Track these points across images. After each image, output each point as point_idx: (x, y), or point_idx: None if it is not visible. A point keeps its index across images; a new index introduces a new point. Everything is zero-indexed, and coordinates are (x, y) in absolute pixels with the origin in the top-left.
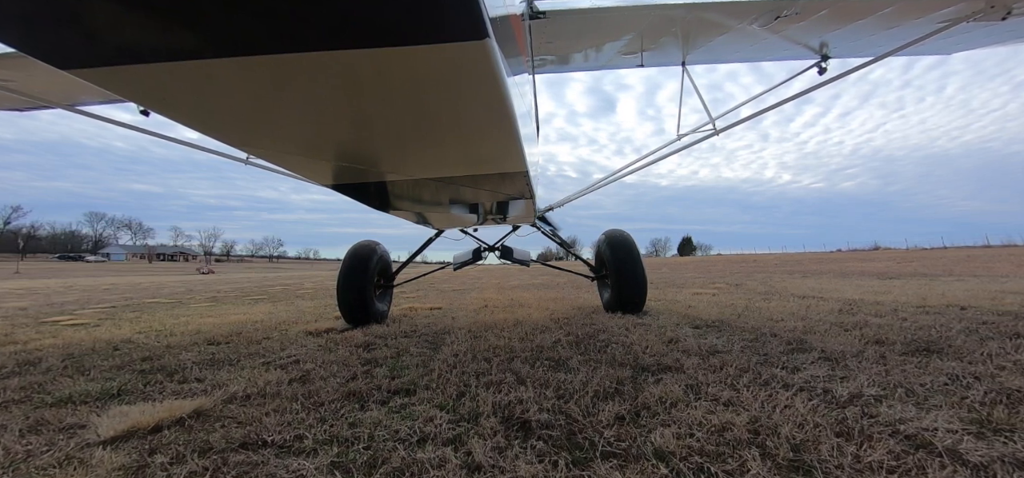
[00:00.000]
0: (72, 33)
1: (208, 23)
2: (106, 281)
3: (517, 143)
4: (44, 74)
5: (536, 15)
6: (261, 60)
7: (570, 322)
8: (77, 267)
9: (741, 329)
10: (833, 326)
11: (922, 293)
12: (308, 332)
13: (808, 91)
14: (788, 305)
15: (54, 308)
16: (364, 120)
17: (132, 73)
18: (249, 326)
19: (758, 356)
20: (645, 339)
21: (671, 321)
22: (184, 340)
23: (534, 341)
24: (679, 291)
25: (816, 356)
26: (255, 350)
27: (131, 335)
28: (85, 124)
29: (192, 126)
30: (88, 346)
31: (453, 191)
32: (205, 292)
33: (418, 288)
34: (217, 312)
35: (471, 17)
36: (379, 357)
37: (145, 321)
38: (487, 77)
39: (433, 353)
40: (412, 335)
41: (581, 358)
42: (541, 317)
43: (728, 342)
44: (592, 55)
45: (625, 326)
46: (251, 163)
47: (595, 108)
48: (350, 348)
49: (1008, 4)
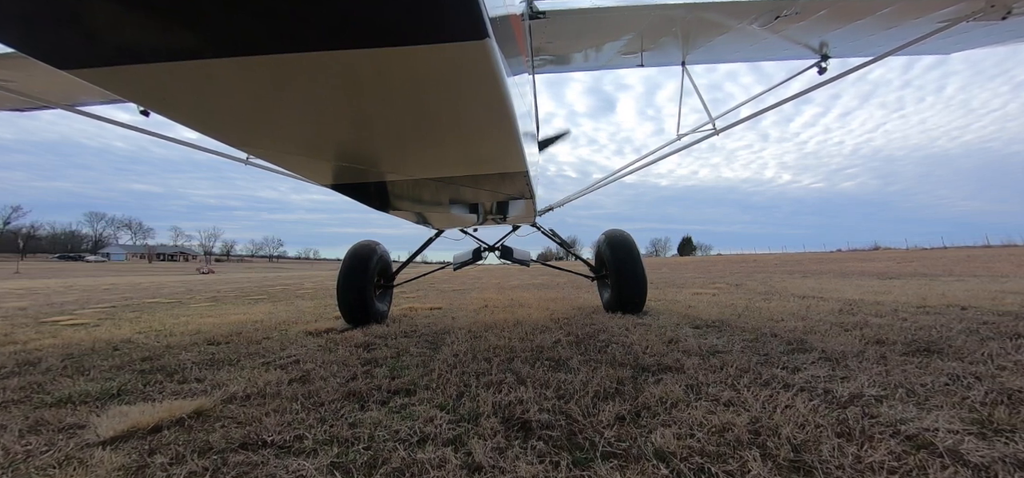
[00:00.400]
0: (72, 33)
1: (208, 23)
2: (106, 281)
3: (517, 143)
4: (44, 74)
5: (536, 15)
6: (261, 60)
7: (570, 322)
8: (77, 267)
9: (741, 329)
10: (833, 326)
11: (922, 293)
12: (308, 332)
13: (808, 91)
14: (788, 305)
15: (54, 308)
16: (364, 120)
17: (132, 73)
18: (249, 326)
19: (758, 356)
20: (645, 339)
21: (671, 321)
22: (184, 340)
23: (534, 341)
24: (679, 291)
25: (816, 356)
26: (255, 350)
27: (131, 335)
28: (85, 124)
29: (192, 126)
30: (88, 346)
31: (453, 191)
32: (205, 292)
33: (418, 288)
34: (217, 312)
35: (471, 17)
36: (379, 357)
37: (145, 321)
38: (487, 77)
39: (433, 353)
40: (412, 335)
41: (581, 358)
42: (541, 317)
43: (728, 342)
44: (592, 55)
45: (625, 326)
46: (251, 163)
47: (595, 108)
48: (350, 348)
49: (1008, 4)
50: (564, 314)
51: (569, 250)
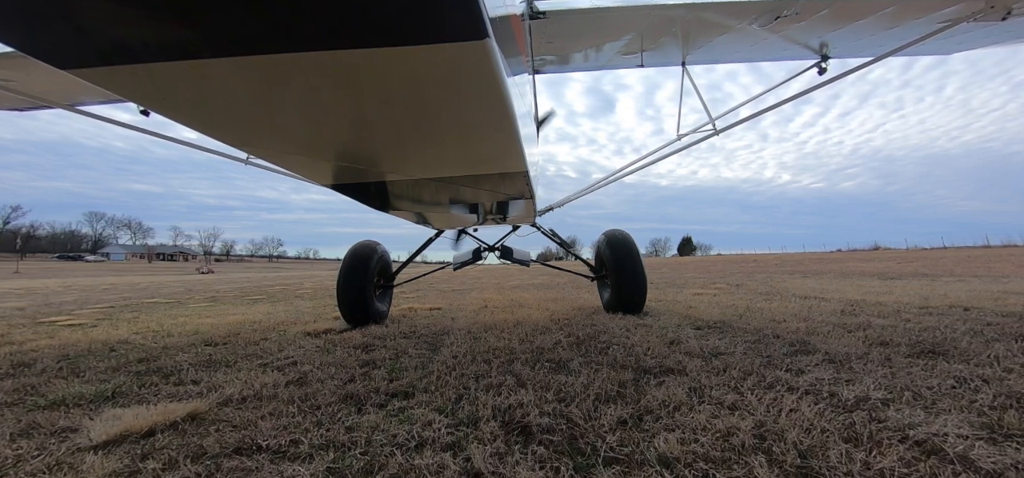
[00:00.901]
0: (72, 33)
1: (208, 23)
2: (105, 281)
3: (517, 143)
4: (44, 74)
5: (536, 15)
6: (261, 60)
7: (570, 323)
8: (76, 267)
9: (743, 330)
10: (836, 327)
11: (924, 293)
12: (306, 333)
13: (808, 91)
14: (790, 306)
15: (52, 308)
16: (364, 120)
17: (132, 73)
18: (247, 327)
19: (761, 358)
20: (647, 340)
21: (672, 322)
22: (181, 341)
23: (534, 342)
24: (679, 292)
25: (820, 358)
26: (252, 351)
27: (128, 336)
28: (85, 124)
29: (192, 126)
30: (84, 347)
31: (453, 191)
32: (204, 292)
33: (418, 288)
34: (215, 312)
35: (471, 17)
36: (377, 358)
37: (143, 321)
38: (487, 77)
39: (432, 355)
40: (411, 336)
41: (582, 360)
42: (541, 317)
43: (731, 344)
44: (592, 55)
45: (626, 327)
46: (251, 163)
47: (594, 108)
48: (348, 349)
49: (1008, 4)
50: (564, 314)
51: (569, 250)
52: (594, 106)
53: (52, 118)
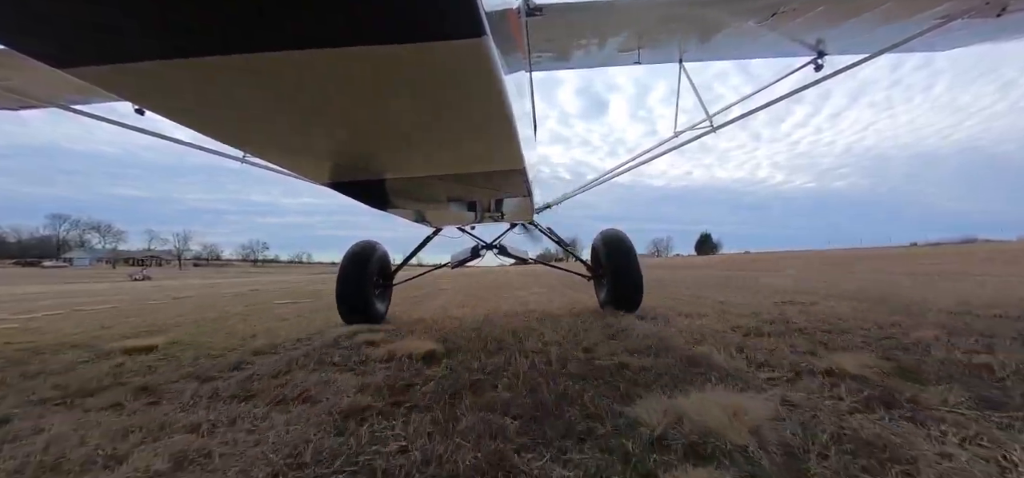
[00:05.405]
0: (66, 31)
1: (204, 20)
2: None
3: (515, 140)
4: (38, 73)
5: (533, 12)
6: (256, 58)
7: (575, 331)
8: (27, 273)
9: None
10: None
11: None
12: None
13: (804, 88)
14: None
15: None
16: (361, 118)
17: (127, 72)
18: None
19: None
20: None
21: None
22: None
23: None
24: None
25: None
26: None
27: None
28: (70, 127)
29: (188, 125)
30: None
31: (451, 188)
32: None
33: (408, 293)
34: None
35: (468, 15)
36: None
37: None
38: (484, 75)
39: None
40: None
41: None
42: (538, 345)
43: None
44: (590, 52)
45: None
46: (247, 162)
47: (587, 109)
48: None
49: (1003, 1)
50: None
51: (567, 249)
52: (586, 107)
53: (37, 121)
